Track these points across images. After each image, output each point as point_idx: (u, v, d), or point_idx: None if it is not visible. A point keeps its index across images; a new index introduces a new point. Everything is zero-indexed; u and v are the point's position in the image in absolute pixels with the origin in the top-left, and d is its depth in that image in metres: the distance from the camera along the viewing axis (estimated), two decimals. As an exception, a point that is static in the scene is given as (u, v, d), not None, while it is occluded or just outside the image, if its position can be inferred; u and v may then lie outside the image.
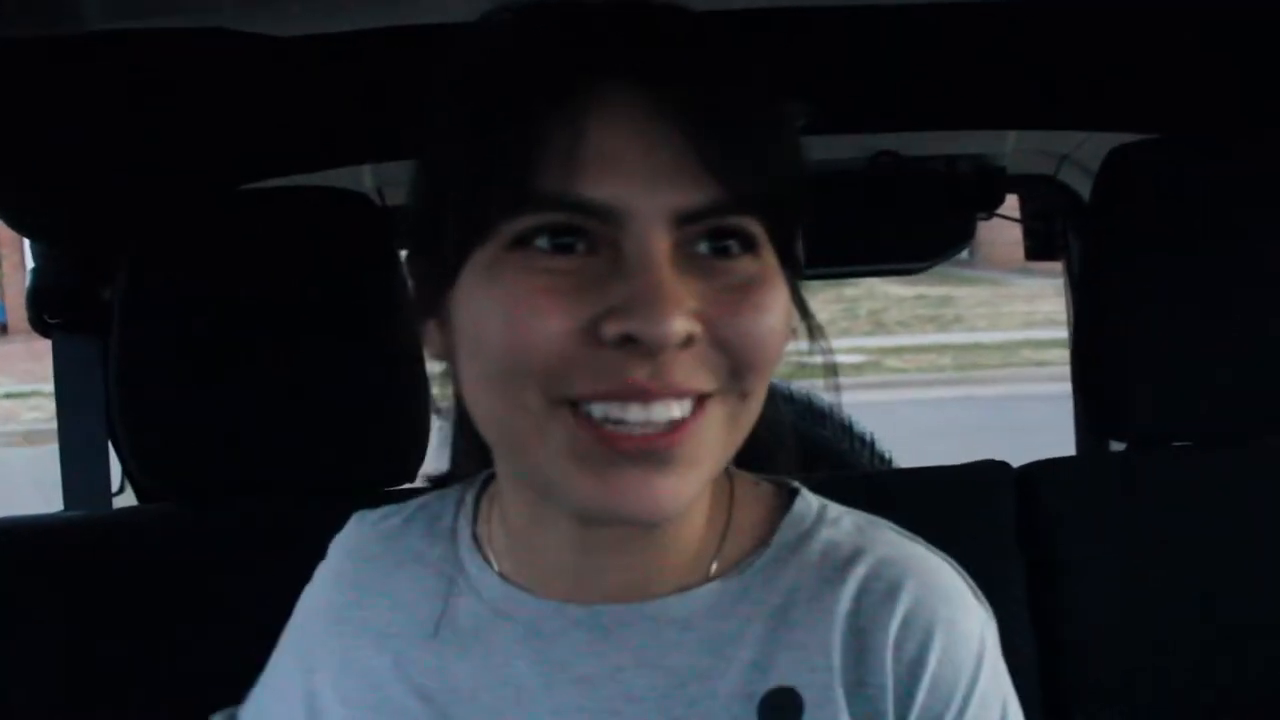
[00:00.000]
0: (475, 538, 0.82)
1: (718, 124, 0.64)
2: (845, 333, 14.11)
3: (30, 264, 1.51)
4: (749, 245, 0.67)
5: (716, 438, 0.68)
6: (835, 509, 0.81)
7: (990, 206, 1.98)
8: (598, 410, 0.64)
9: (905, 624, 0.74)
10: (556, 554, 0.76)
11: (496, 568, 0.80)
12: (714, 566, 0.77)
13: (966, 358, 12.17)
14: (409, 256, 0.78)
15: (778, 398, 0.76)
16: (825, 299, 16.98)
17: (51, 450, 1.61)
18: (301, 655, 0.87)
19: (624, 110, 0.63)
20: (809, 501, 0.81)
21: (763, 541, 0.78)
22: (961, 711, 0.73)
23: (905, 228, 1.90)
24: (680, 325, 0.62)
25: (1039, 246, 2.22)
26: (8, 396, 11.06)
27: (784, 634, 0.75)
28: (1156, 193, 1.27)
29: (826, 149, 1.86)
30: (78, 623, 1.19)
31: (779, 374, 0.73)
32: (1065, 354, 1.40)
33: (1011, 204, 2.12)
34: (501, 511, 0.80)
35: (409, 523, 0.87)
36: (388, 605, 0.83)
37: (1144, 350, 1.26)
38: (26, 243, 1.54)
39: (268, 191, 1.40)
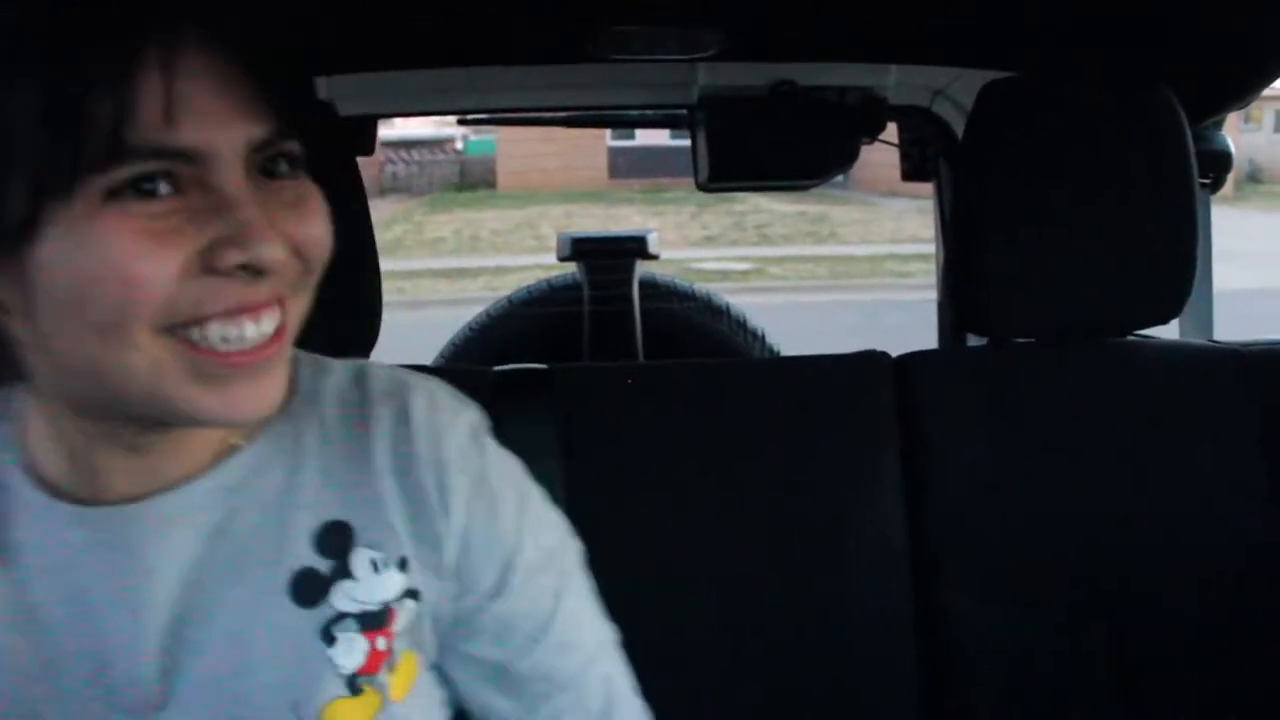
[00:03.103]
0: (14, 459, 0.77)
1: (272, 67, 0.67)
2: (734, 243, 14.18)
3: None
4: (295, 164, 0.70)
5: (293, 332, 0.72)
6: (324, 361, 0.85)
7: (873, 132, 2.00)
8: (214, 332, 0.66)
9: (424, 432, 0.80)
10: (114, 461, 0.74)
11: (58, 484, 0.75)
12: (235, 435, 0.78)
13: (839, 268, 12.29)
14: None
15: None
16: (717, 213, 16.84)
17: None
18: None
19: (194, 60, 0.63)
20: (302, 360, 0.83)
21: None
22: (483, 479, 0.81)
23: (800, 148, 1.92)
24: (282, 248, 0.66)
25: (913, 169, 2.25)
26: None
27: (328, 477, 0.79)
28: (1020, 124, 1.30)
29: (734, 76, 1.87)
30: None
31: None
32: (926, 266, 1.44)
33: (890, 132, 2.14)
34: (44, 434, 0.75)
35: None
36: None
37: (1005, 257, 1.29)
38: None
39: None
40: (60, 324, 0.65)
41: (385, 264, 1.35)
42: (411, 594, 0.79)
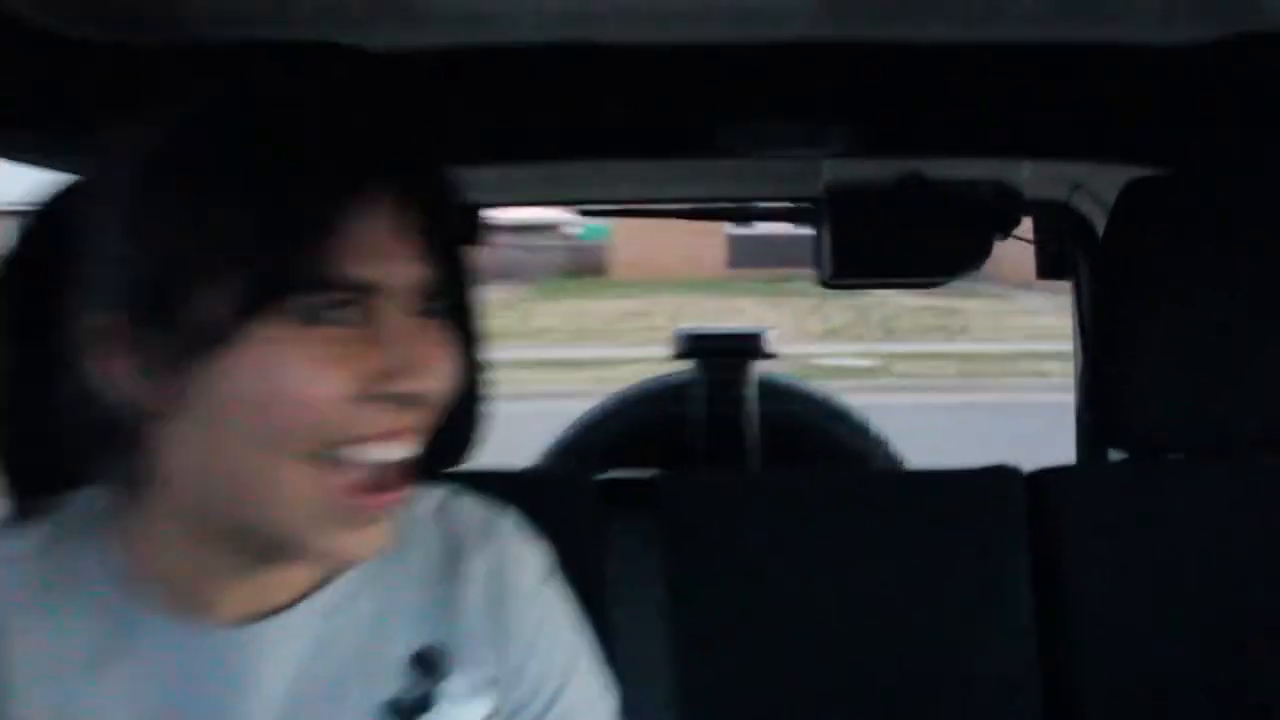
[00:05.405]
0: (126, 569, 0.79)
1: (443, 218, 0.74)
2: (858, 338, 14.08)
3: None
4: (449, 309, 0.76)
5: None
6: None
7: (1007, 228, 1.97)
8: (370, 453, 0.71)
9: (509, 567, 0.88)
10: (224, 585, 0.78)
11: (159, 598, 0.78)
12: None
13: (970, 365, 12.10)
14: (106, 323, 0.70)
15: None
16: (840, 305, 16.72)
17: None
18: None
19: (384, 205, 0.70)
20: None
21: None
22: (548, 617, 0.89)
23: (929, 244, 1.90)
24: (437, 382, 0.73)
25: (1049, 266, 2.21)
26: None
27: (422, 604, 0.85)
28: (1167, 223, 1.27)
29: (860, 169, 1.87)
30: None
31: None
32: (1064, 366, 1.41)
33: (1025, 226, 2.11)
34: (154, 549, 0.78)
35: (46, 552, 0.80)
36: (50, 638, 0.77)
37: (1150, 366, 1.25)
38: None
39: None
40: (222, 435, 0.69)
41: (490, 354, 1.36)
42: (494, 715, 0.85)
